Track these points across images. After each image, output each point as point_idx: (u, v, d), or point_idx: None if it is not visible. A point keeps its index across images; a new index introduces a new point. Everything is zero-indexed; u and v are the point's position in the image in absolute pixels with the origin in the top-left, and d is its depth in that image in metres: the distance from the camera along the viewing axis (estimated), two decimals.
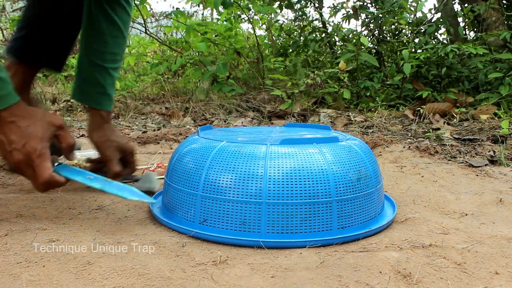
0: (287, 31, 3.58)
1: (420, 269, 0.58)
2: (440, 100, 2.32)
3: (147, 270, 0.56)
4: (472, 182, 1.08)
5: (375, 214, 0.74)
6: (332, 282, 0.54)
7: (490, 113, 2.07)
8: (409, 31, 2.89)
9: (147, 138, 1.66)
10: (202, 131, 0.88)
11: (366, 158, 0.75)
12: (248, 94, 2.72)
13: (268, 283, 0.54)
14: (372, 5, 3.09)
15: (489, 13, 2.64)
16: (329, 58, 3.18)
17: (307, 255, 0.62)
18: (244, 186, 0.66)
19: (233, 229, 0.66)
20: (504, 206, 0.88)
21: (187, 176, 0.72)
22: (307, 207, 0.66)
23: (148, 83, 3.36)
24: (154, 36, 3.40)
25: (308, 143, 0.72)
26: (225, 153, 0.70)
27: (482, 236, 0.71)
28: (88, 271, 0.55)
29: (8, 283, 0.52)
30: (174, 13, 2.96)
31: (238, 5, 2.88)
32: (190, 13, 4.31)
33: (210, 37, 3.01)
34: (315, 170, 0.67)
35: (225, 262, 0.60)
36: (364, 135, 1.77)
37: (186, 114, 2.39)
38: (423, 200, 0.92)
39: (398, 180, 1.11)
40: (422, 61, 2.52)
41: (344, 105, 2.50)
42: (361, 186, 0.71)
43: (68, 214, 0.78)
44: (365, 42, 2.55)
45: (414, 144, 1.53)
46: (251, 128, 1.00)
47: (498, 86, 2.25)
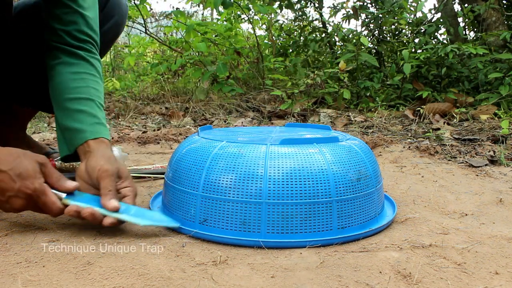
0: (287, 31, 3.58)
1: (420, 269, 0.58)
2: (440, 100, 2.32)
3: (147, 270, 0.56)
4: (472, 182, 1.08)
5: (375, 214, 0.74)
6: (332, 282, 0.54)
7: (490, 113, 2.07)
8: (409, 31, 2.89)
9: (147, 138, 1.66)
10: (202, 131, 0.88)
11: (366, 158, 0.75)
12: (248, 94, 2.72)
13: (268, 283, 0.54)
14: (372, 5, 3.09)
15: (489, 13, 2.64)
16: (329, 58, 3.18)
17: (307, 255, 0.62)
18: (244, 186, 0.66)
19: (233, 229, 0.66)
20: (504, 206, 0.88)
21: (187, 176, 0.72)
22: (307, 207, 0.66)
23: (148, 83, 3.36)
24: (154, 36, 3.40)
25: (308, 143, 0.72)
26: (225, 153, 0.70)
27: (482, 236, 0.71)
28: (88, 271, 0.55)
29: (8, 283, 0.52)
30: (174, 13, 2.96)
31: (238, 5, 2.88)
32: (190, 13, 4.31)
33: (210, 37, 3.01)
34: (315, 170, 0.67)
35: (225, 262, 0.60)
36: (364, 135, 1.77)
37: (186, 114, 2.39)
38: (423, 200, 0.92)
39: (398, 180, 1.11)
40: (422, 61, 2.52)
41: (344, 105, 2.50)
42: (361, 186, 0.71)
43: None
44: (365, 42, 2.55)
45: (414, 144, 1.53)
46: (251, 128, 1.00)
47: (498, 86, 2.25)
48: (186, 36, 2.77)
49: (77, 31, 0.82)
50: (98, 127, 0.77)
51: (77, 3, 0.81)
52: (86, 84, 0.80)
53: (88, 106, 0.78)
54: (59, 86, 0.80)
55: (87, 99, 0.79)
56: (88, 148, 0.74)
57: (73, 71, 0.80)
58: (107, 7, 0.96)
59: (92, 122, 0.77)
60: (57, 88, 0.80)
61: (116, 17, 0.99)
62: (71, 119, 0.77)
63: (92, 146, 0.74)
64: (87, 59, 0.83)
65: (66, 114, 0.78)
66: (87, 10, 0.83)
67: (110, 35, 0.99)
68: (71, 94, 0.78)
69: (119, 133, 1.83)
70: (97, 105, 0.80)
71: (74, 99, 0.78)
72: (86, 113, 0.77)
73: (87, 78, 0.81)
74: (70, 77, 0.80)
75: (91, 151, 0.74)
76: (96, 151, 0.73)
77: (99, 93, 0.82)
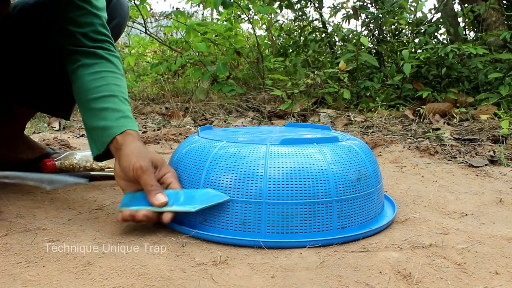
0: (287, 31, 3.58)
1: (420, 269, 0.58)
2: (440, 100, 2.32)
3: (147, 270, 0.56)
4: (472, 182, 1.08)
5: (375, 214, 0.74)
6: (332, 282, 0.54)
7: (490, 113, 2.07)
8: (409, 31, 2.89)
9: (147, 138, 1.66)
10: (202, 131, 0.88)
11: (366, 158, 0.75)
12: (248, 94, 2.72)
13: (268, 283, 0.54)
14: (372, 5, 3.09)
15: (489, 13, 2.64)
16: (329, 58, 3.18)
17: (307, 255, 0.62)
18: (244, 186, 0.66)
19: (233, 229, 0.66)
20: (504, 206, 0.88)
21: (187, 176, 0.72)
22: (307, 207, 0.66)
23: (148, 83, 3.36)
24: (154, 36, 3.40)
25: (308, 143, 0.72)
26: (225, 153, 0.70)
27: (482, 236, 0.71)
28: (88, 271, 0.55)
29: (8, 283, 0.52)
30: (174, 13, 2.96)
31: (238, 5, 2.88)
32: (190, 13, 4.31)
33: (210, 37, 3.01)
34: (315, 170, 0.67)
35: (225, 262, 0.60)
36: (364, 135, 1.77)
37: (186, 114, 2.39)
38: (423, 200, 0.92)
39: (398, 180, 1.11)
40: (422, 61, 2.52)
41: (344, 105, 2.50)
42: (361, 186, 0.71)
43: (68, 214, 0.78)
44: (365, 42, 2.55)
45: (414, 144, 1.53)
46: (251, 128, 1.00)
47: (498, 86, 2.25)
48: (186, 36, 2.77)
49: (94, 32, 0.82)
50: (123, 121, 0.77)
51: (91, 4, 0.82)
52: (107, 82, 0.80)
53: (111, 103, 0.78)
54: (81, 89, 0.80)
55: (109, 95, 0.79)
56: (117, 145, 0.74)
57: (92, 71, 0.81)
58: (110, 8, 0.96)
59: (117, 117, 0.77)
60: (80, 91, 0.80)
61: (118, 18, 0.99)
62: (96, 118, 0.77)
63: (120, 142, 0.74)
64: (106, 57, 0.83)
65: (90, 114, 0.78)
66: (101, 11, 0.84)
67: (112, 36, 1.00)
68: (93, 94, 0.79)
69: None
70: (120, 100, 0.80)
71: (97, 98, 0.78)
72: (110, 110, 0.77)
73: (107, 76, 0.81)
74: (91, 78, 0.80)
75: (120, 147, 0.74)
76: (125, 147, 0.73)
77: (121, 88, 0.82)
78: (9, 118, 1.07)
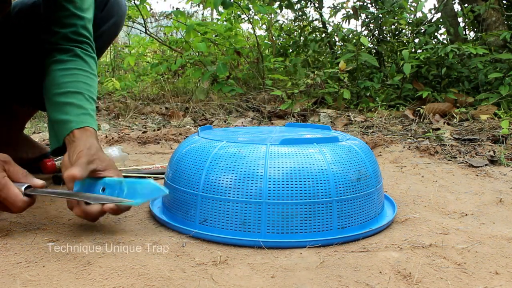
0: (287, 31, 3.58)
1: (420, 269, 0.58)
2: (440, 100, 2.32)
3: (147, 270, 0.56)
4: (472, 182, 1.08)
5: (375, 214, 0.74)
6: (332, 282, 0.54)
7: (490, 113, 2.07)
8: (409, 31, 2.89)
9: (147, 138, 1.66)
10: (202, 131, 0.88)
11: (366, 158, 0.75)
12: (248, 94, 2.72)
13: (268, 283, 0.54)
14: (372, 5, 3.09)
15: (489, 13, 2.64)
16: (329, 58, 3.18)
17: (307, 255, 0.62)
18: (244, 186, 0.66)
19: (233, 229, 0.66)
20: (504, 206, 0.88)
21: (187, 176, 0.72)
22: (307, 207, 0.66)
23: (148, 83, 3.36)
24: (154, 36, 3.40)
25: (308, 143, 0.72)
26: (225, 153, 0.70)
27: (482, 236, 0.71)
28: (88, 271, 0.55)
29: (8, 283, 0.52)
30: (174, 13, 2.96)
31: (238, 5, 2.88)
32: (190, 13, 4.31)
33: (210, 37, 3.01)
34: (315, 170, 0.67)
35: (225, 262, 0.60)
36: (364, 135, 1.77)
37: (186, 114, 2.39)
38: (423, 200, 0.92)
39: (398, 180, 1.11)
40: (422, 61, 2.52)
41: (344, 105, 2.50)
42: (361, 186, 0.71)
43: (68, 214, 0.78)
44: (365, 42, 2.55)
45: (414, 144, 1.53)
46: (251, 128, 1.00)
47: (498, 86, 2.25)
48: (186, 36, 2.77)
49: (74, 33, 0.83)
50: (84, 117, 0.76)
51: (75, 5, 0.81)
52: (76, 79, 0.80)
53: (76, 99, 0.78)
54: (50, 83, 0.80)
55: (75, 92, 0.78)
56: (73, 138, 0.73)
57: (64, 67, 0.81)
58: (107, 7, 0.96)
59: (79, 113, 0.76)
60: (48, 85, 0.80)
61: (115, 18, 0.99)
62: (59, 112, 0.77)
63: (76, 136, 0.73)
64: (81, 56, 0.83)
65: (54, 108, 0.78)
66: (85, 12, 0.84)
67: (108, 35, 1.00)
68: (61, 89, 0.78)
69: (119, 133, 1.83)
70: (86, 98, 0.79)
71: (63, 93, 0.78)
72: (73, 105, 0.77)
73: (77, 73, 0.81)
74: (61, 74, 0.80)
75: (75, 140, 0.73)
76: (79, 140, 0.73)
77: (90, 87, 0.81)
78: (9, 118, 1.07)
